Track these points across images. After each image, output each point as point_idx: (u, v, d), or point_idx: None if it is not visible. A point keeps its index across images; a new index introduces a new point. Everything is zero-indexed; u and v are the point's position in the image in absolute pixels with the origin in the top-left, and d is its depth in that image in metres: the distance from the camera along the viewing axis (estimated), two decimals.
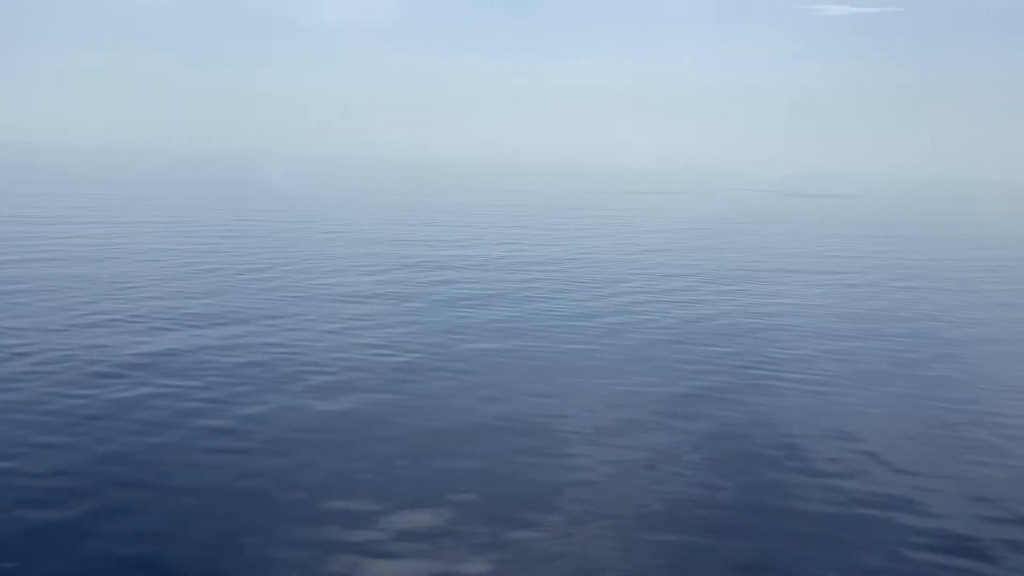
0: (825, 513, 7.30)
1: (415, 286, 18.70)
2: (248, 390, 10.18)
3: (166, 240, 25.92)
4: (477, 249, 26.87)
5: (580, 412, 9.87)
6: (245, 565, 6.00)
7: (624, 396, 10.63)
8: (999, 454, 9.04)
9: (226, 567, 5.95)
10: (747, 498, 7.57)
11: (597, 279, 20.98)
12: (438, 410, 9.75)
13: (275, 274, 19.64)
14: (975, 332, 15.84)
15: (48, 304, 14.85)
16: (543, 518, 6.99)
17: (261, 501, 7.10)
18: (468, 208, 50.09)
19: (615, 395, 10.67)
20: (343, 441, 8.62)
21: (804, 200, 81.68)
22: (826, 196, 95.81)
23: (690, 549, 6.53)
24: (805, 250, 30.71)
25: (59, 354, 11.40)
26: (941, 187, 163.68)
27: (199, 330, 13.29)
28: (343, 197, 56.69)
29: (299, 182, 79.66)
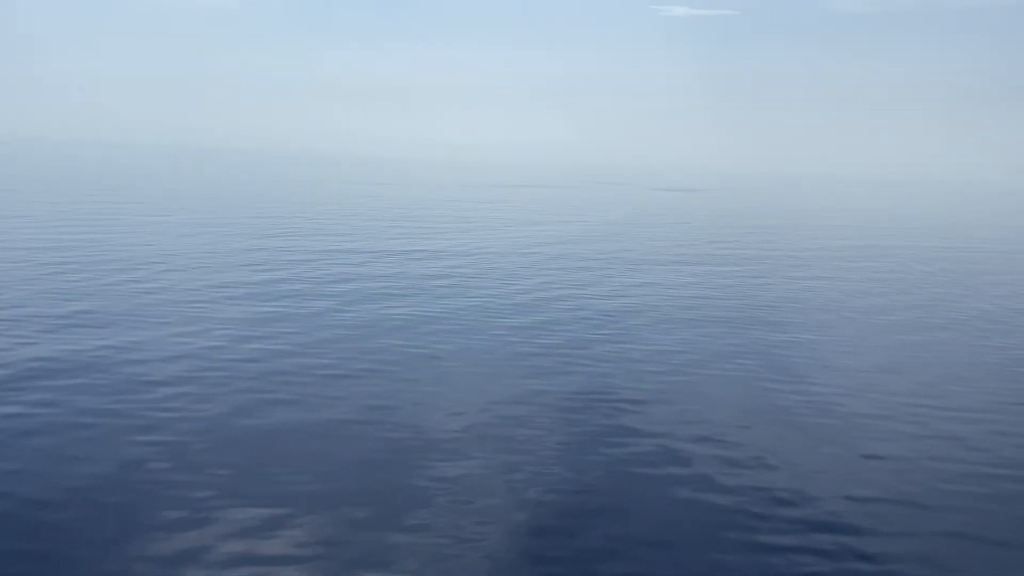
0: (686, 500, 7.94)
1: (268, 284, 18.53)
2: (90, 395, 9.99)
3: None
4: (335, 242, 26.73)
5: (440, 411, 10.03)
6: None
7: (488, 393, 11.05)
8: (833, 434, 10.16)
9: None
10: (614, 487, 7.99)
11: (453, 275, 21.45)
12: (310, 411, 9.76)
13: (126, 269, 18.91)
14: (810, 315, 17.50)
15: None
16: (417, 518, 7.12)
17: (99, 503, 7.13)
18: (328, 200, 49.31)
19: (478, 389, 11.11)
20: (203, 446, 8.53)
21: (660, 193, 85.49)
22: (678, 190, 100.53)
23: (563, 541, 6.88)
24: (668, 240, 32.43)
25: None
26: (781, 181, 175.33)
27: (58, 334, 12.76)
28: (176, 188, 54.38)
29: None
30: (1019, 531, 7.58)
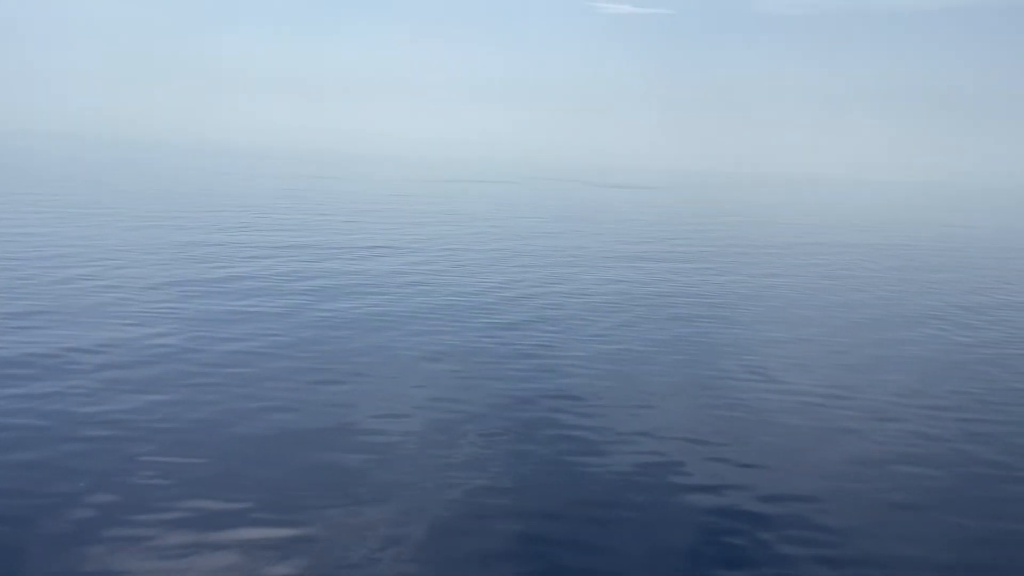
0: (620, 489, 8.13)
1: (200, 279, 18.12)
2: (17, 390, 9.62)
3: None
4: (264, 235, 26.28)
5: (366, 411, 9.89)
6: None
7: (431, 390, 11.08)
8: (767, 417, 10.46)
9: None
10: (546, 481, 8.00)
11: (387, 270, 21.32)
12: (237, 412, 9.54)
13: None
14: (764, 311, 17.92)
15: None
16: (367, 519, 7.03)
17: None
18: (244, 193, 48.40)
19: (419, 385, 11.11)
20: (130, 444, 8.34)
21: (608, 191, 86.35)
22: (629, 187, 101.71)
23: (500, 536, 6.88)
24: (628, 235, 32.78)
25: None
26: (725, 179, 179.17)
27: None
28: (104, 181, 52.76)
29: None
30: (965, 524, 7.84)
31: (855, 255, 31.93)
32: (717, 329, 15.80)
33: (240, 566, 6.17)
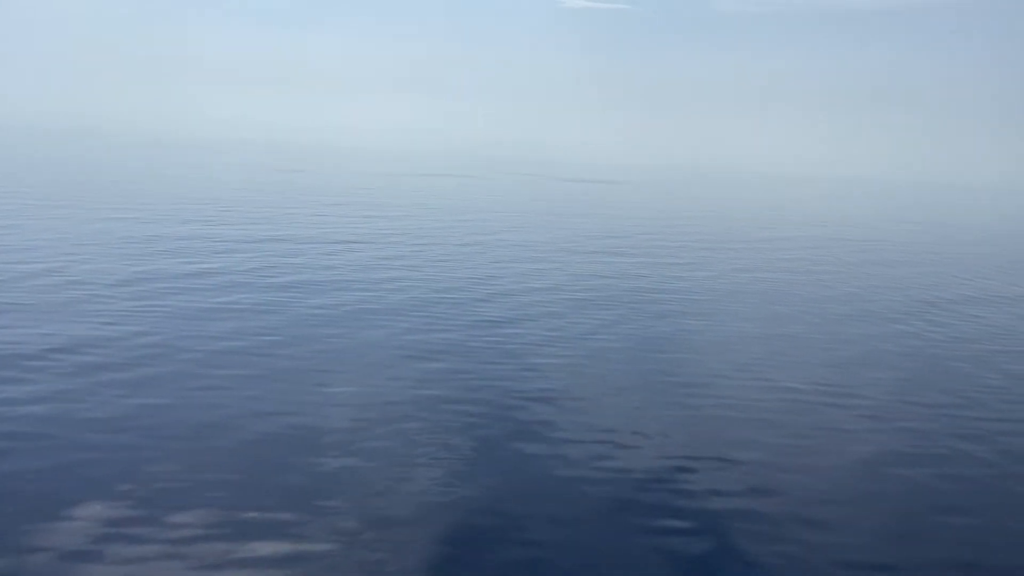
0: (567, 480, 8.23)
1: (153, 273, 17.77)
2: None
3: None
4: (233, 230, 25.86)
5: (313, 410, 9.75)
6: None
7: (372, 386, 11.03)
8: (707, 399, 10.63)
9: None
10: (499, 481, 8.01)
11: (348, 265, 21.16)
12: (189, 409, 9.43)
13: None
14: (695, 298, 18.19)
15: None
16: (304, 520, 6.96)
17: None
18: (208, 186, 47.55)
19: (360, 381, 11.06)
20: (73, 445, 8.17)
21: (569, 185, 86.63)
22: (588, 181, 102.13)
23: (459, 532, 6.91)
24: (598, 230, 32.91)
25: None
26: (681, 175, 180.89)
27: None
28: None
29: None
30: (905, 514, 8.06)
31: (815, 250, 32.52)
32: (692, 325, 15.97)
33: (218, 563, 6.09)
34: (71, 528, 6.56)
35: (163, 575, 5.99)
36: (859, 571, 6.77)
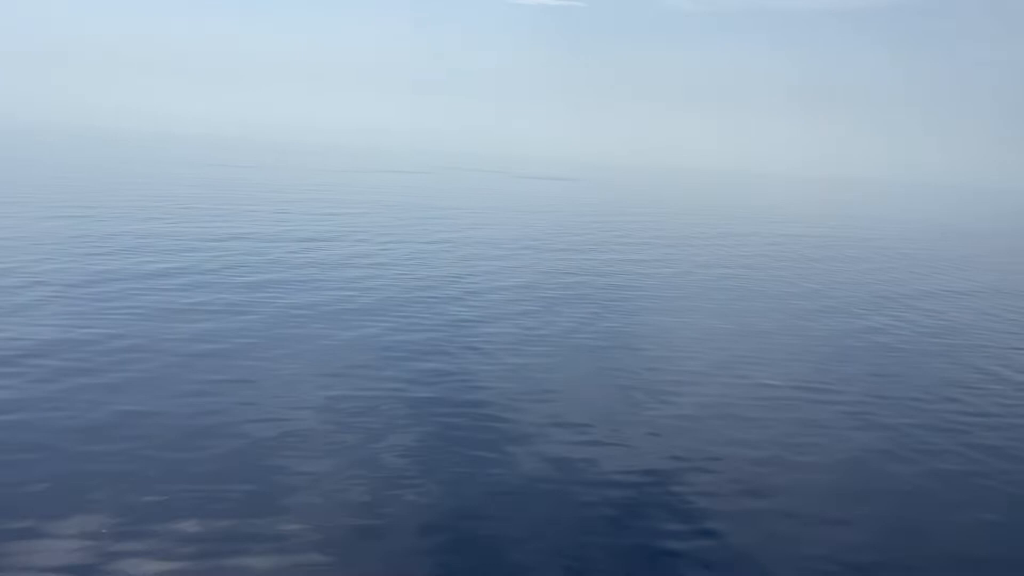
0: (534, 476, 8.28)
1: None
2: None
3: None
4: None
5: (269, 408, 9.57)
6: None
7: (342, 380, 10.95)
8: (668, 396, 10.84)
9: None
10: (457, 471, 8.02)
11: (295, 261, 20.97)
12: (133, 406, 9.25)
13: None
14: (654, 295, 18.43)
15: None
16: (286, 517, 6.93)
17: None
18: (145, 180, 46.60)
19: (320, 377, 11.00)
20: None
21: (529, 182, 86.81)
22: (547, 178, 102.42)
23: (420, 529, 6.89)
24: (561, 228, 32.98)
25: None
26: (638, 172, 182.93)
27: None
28: None
29: None
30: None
31: (773, 246, 33.07)
32: (665, 322, 16.11)
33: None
34: (56, 543, 6.34)
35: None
36: (846, 567, 6.88)
